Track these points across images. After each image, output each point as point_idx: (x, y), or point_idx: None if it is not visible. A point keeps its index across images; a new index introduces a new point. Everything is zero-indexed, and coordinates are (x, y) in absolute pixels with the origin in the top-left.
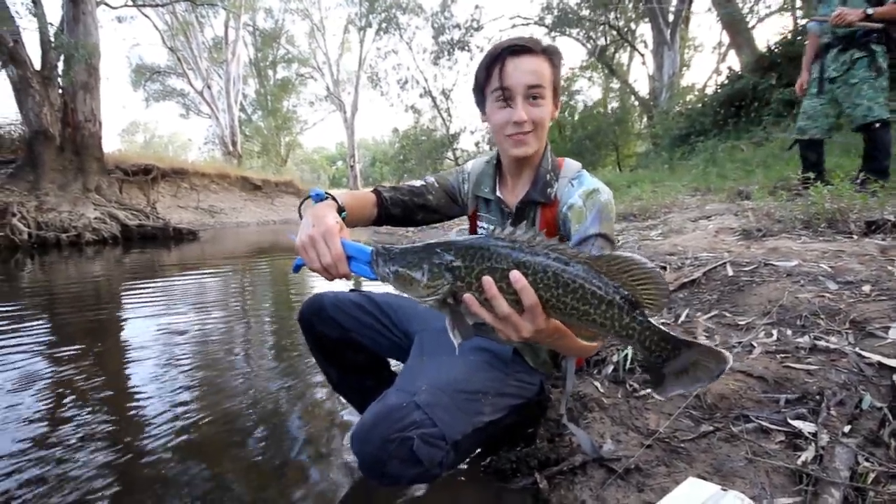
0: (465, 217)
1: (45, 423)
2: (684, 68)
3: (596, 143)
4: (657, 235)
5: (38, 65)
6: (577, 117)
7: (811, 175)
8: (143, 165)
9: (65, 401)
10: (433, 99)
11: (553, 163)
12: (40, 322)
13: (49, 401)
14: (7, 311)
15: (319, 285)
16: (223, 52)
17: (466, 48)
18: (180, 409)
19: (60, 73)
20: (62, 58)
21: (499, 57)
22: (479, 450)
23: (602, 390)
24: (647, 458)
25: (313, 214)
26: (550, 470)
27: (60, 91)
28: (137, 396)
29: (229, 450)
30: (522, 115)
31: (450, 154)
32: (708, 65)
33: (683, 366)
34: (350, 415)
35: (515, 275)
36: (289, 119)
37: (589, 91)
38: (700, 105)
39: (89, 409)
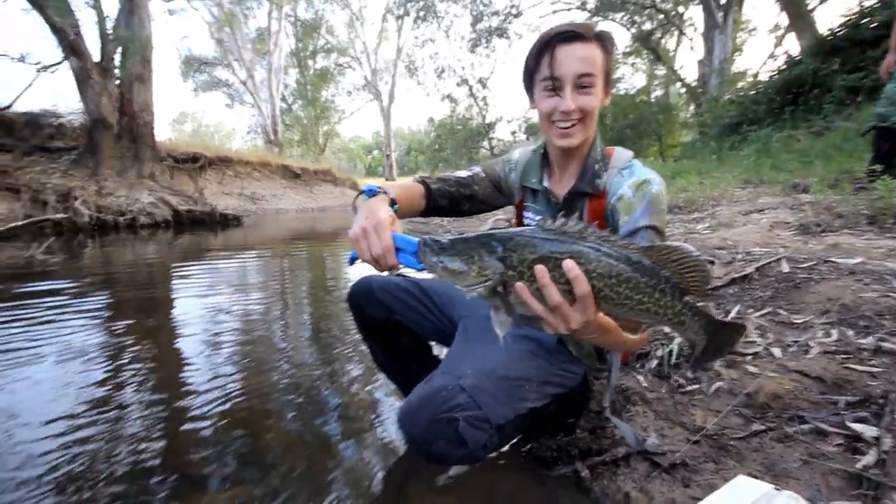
0: (510, 207)
1: (102, 388)
2: (736, 53)
3: (638, 133)
4: (705, 229)
5: (96, 57)
6: (641, 98)
7: (877, 168)
8: (192, 154)
9: (120, 369)
10: (469, 87)
11: (602, 152)
12: (100, 297)
13: (106, 368)
14: (70, 287)
15: (359, 272)
16: (266, 43)
17: (505, 35)
18: (224, 381)
19: (117, 64)
20: (119, 50)
21: (549, 44)
22: (520, 435)
23: (645, 384)
24: (694, 454)
25: (367, 208)
26: (592, 460)
27: (117, 82)
28: (185, 368)
29: (269, 421)
30: (570, 104)
31: (485, 143)
32: (763, 49)
33: (718, 343)
34: (383, 392)
35: (569, 263)
36: (327, 108)
37: (632, 78)
38: (753, 92)
39: (142, 377)
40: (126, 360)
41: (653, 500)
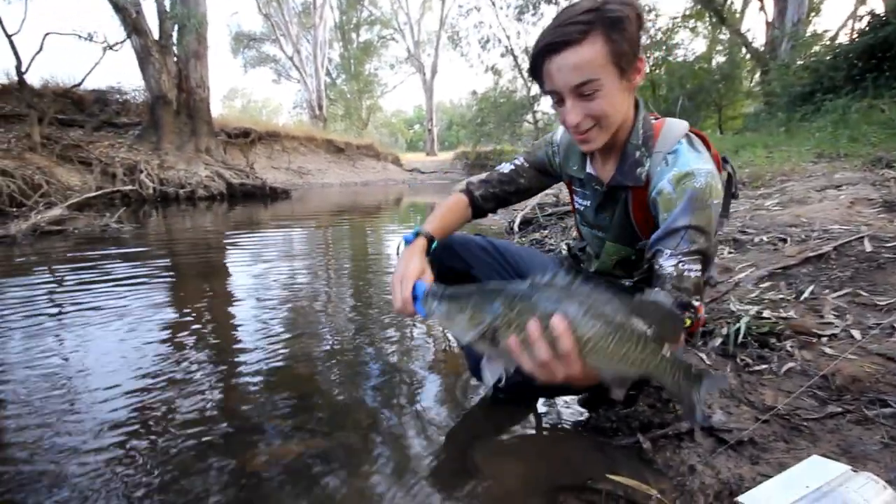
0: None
1: (166, 345)
2: (812, 14)
3: (696, 104)
4: (774, 205)
5: (155, 35)
6: (700, 66)
7: None
8: (243, 129)
9: (181, 328)
10: (515, 58)
11: (646, 135)
12: (164, 262)
13: (168, 326)
14: (139, 252)
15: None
16: (311, 17)
17: (553, 0)
18: (272, 342)
19: (174, 42)
20: (176, 27)
21: (538, 58)
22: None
23: (708, 362)
24: (763, 433)
25: (402, 260)
26: (654, 433)
27: (175, 59)
28: (237, 329)
29: (319, 382)
30: (572, 119)
31: (529, 117)
32: (843, 9)
33: (701, 391)
34: (425, 360)
35: (556, 320)
36: (370, 82)
37: (691, 44)
38: (830, 57)
39: (200, 335)
40: (186, 320)
41: (719, 474)
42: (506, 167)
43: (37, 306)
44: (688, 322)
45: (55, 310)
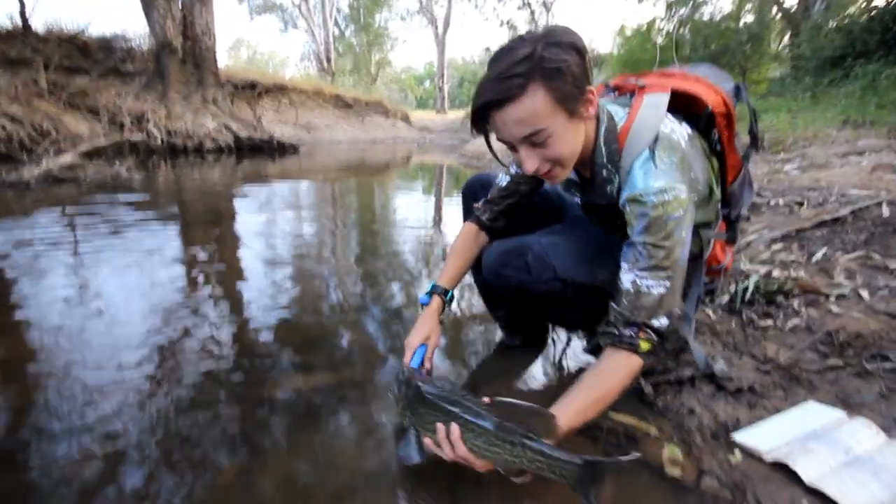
0: None
1: (177, 286)
2: None
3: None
4: (794, 169)
5: None
6: (727, 26)
7: None
8: (250, 80)
9: (191, 270)
10: (532, 12)
11: (609, 151)
12: (174, 210)
13: (179, 272)
14: (150, 200)
15: (405, 215)
16: None
17: None
18: (279, 288)
19: None
20: None
21: (480, 113)
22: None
23: (714, 318)
24: (763, 382)
25: (415, 325)
26: (656, 378)
27: (180, 5)
28: (245, 277)
29: (319, 324)
30: (530, 166)
31: None
32: None
33: (591, 492)
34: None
35: (452, 426)
36: (380, 35)
37: (719, 2)
38: (865, 19)
39: (208, 279)
40: (196, 264)
41: (717, 416)
42: (503, 180)
43: (52, 248)
44: (645, 346)
45: (70, 252)
